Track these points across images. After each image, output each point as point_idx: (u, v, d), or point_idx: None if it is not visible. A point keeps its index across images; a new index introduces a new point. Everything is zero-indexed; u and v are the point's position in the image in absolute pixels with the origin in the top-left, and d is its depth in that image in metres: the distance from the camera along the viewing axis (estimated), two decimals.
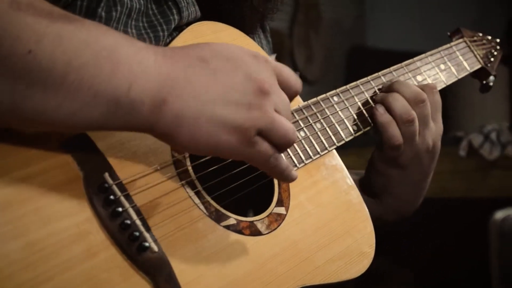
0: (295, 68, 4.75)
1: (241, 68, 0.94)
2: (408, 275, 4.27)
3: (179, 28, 1.17)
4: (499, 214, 2.49)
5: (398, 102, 1.30)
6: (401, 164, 1.33)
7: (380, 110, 1.30)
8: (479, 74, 1.60)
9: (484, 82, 1.62)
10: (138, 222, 0.94)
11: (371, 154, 1.38)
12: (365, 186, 1.37)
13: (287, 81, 0.99)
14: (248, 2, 1.26)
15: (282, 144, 0.96)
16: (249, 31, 1.28)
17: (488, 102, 4.02)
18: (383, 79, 1.38)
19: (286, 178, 1.00)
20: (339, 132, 1.27)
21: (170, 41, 1.14)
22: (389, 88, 1.33)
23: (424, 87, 1.34)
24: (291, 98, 0.99)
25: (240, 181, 1.11)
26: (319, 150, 1.22)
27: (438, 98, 1.34)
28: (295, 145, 1.18)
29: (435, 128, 1.34)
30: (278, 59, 4.40)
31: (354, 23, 5.47)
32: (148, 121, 0.90)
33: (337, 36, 5.22)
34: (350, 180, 1.25)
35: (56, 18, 0.87)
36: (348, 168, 1.28)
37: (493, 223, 2.49)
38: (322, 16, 4.97)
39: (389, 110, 1.30)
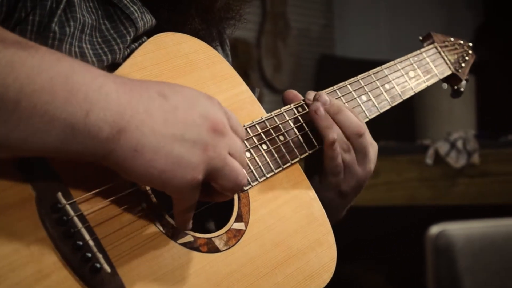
0: (263, 77, 4.77)
1: (198, 107, 0.95)
2: (379, 280, 4.29)
3: (138, 38, 1.16)
4: (434, 229, 2.50)
5: (338, 130, 1.26)
6: (343, 192, 1.30)
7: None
8: (450, 80, 1.59)
9: (456, 87, 1.60)
10: (91, 242, 0.93)
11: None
12: None
13: (235, 127, 1.00)
14: (187, 27, 1.25)
15: (228, 187, 0.97)
16: (207, 36, 1.28)
17: (455, 110, 4.04)
18: (350, 88, 1.36)
19: (180, 224, 1.01)
20: (302, 144, 1.26)
21: (129, 53, 1.13)
22: (332, 115, 1.27)
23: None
24: None
25: None
26: (281, 163, 1.21)
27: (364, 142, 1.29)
28: (256, 158, 1.18)
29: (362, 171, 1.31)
30: (244, 68, 4.36)
31: (322, 32, 5.49)
32: (104, 149, 0.89)
33: (305, 45, 5.24)
34: (312, 193, 1.24)
35: (9, 44, 0.86)
36: None
37: (428, 238, 2.50)
38: (290, 26, 4.98)
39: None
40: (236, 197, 1.14)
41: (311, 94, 1.30)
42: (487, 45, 5.28)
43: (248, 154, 1.18)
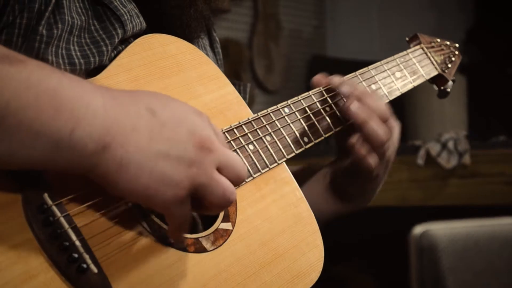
0: (255, 78, 4.77)
1: (186, 124, 0.95)
2: (369, 280, 4.30)
3: (125, 41, 1.17)
4: (418, 229, 2.50)
5: (376, 100, 1.31)
6: (374, 173, 1.34)
7: (356, 104, 1.30)
8: (437, 80, 1.59)
9: (442, 88, 1.61)
10: (77, 243, 0.93)
11: (328, 169, 1.38)
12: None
13: (223, 142, 1.00)
14: (193, 7, 1.27)
15: (215, 203, 0.97)
16: (194, 37, 1.29)
17: (446, 111, 4.05)
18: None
19: (174, 238, 1.02)
20: (289, 144, 1.26)
21: (116, 55, 1.14)
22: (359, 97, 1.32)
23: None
24: None
25: None
26: (268, 163, 1.21)
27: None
28: (243, 159, 1.18)
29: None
30: (236, 69, 4.35)
31: (314, 33, 5.50)
32: (89, 164, 0.90)
33: (297, 46, 5.24)
34: (299, 193, 1.24)
35: None
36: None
37: (412, 238, 2.50)
38: (282, 26, 4.99)
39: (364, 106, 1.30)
40: None
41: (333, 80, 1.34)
42: (478, 46, 5.30)
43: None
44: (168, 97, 0.98)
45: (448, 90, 1.61)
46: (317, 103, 1.33)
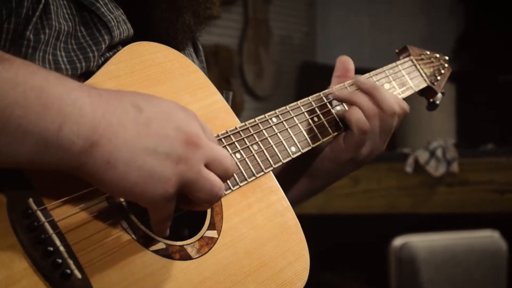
0: (245, 84, 4.77)
1: (172, 120, 0.95)
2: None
3: (113, 48, 1.16)
4: (398, 241, 2.51)
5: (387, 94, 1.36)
6: (357, 158, 1.37)
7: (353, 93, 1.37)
8: (426, 93, 1.60)
9: (431, 100, 1.61)
10: (61, 248, 0.93)
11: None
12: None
13: (211, 138, 1.00)
14: (181, 20, 1.27)
15: (203, 199, 0.98)
16: (181, 49, 1.29)
17: (435, 119, 4.06)
18: (324, 99, 1.38)
19: (158, 232, 1.02)
20: (276, 154, 1.26)
21: (103, 62, 1.13)
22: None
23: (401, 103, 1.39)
24: None
25: None
26: (254, 172, 1.21)
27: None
28: None
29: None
30: (226, 75, 4.35)
31: (304, 39, 5.50)
32: (77, 162, 0.90)
33: (287, 52, 5.25)
34: (286, 202, 1.24)
35: None
36: None
37: (391, 250, 2.51)
38: (272, 33, 4.99)
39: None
40: None
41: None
42: (468, 53, 5.32)
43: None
44: (153, 96, 0.98)
45: (437, 102, 1.62)
46: (305, 113, 1.33)
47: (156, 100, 0.97)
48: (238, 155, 1.20)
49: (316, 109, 1.35)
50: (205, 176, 0.96)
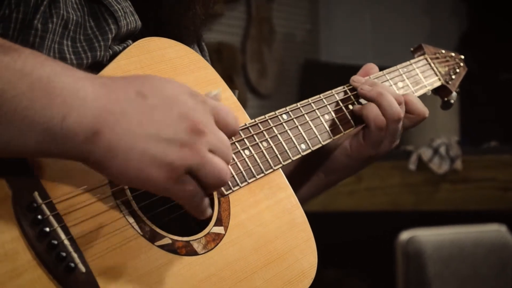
0: (248, 82, 4.77)
1: (178, 107, 0.94)
2: (361, 285, 4.30)
3: (123, 42, 1.16)
4: (404, 235, 2.50)
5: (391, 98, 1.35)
6: (376, 154, 1.38)
7: (367, 87, 1.35)
8: (440, 91, 1.59)
9: (446, 99, 1.60)
10: (66, 242, 0.93)
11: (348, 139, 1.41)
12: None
13: (224, 120, 0.99)
14: (191, 11, 1.26)
15: (210, 184, 0.96)
16: (190, 43, 1.28)
17: (438, 116, 4.05)
18: (337, 97, 1.37)
19: (200, 216, 1.00)
20: (286, 151, 1.25)
21: (112, 55, 1.13)
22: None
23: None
24: (228, 137, 0.99)
25: None
26: (263, 169, 1.20)
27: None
28: (238, 164, 1.17)
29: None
30: (229, 73, 4.37)
31: (307, 37, 5.50)
32: (82, 151, 0.90)
33: (290, 50, 5.24)
34: (294, 199, 1.23)
35: None
36: None
37: (398, 244, 2.50)
38: (275, 31, 4.99)
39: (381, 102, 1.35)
40: (216, 201, 1.14)
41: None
42: (471, 52, 5.32)
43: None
44: (162, 79, 0.97)
45: (452, 101, 1.61)
46: (316, 111, 1.33)
47: (164, 85, 0.96)
48: (247, 152, 1.19)
49: (328, 107, 1.35)
50: (210, 161, 0.95)
